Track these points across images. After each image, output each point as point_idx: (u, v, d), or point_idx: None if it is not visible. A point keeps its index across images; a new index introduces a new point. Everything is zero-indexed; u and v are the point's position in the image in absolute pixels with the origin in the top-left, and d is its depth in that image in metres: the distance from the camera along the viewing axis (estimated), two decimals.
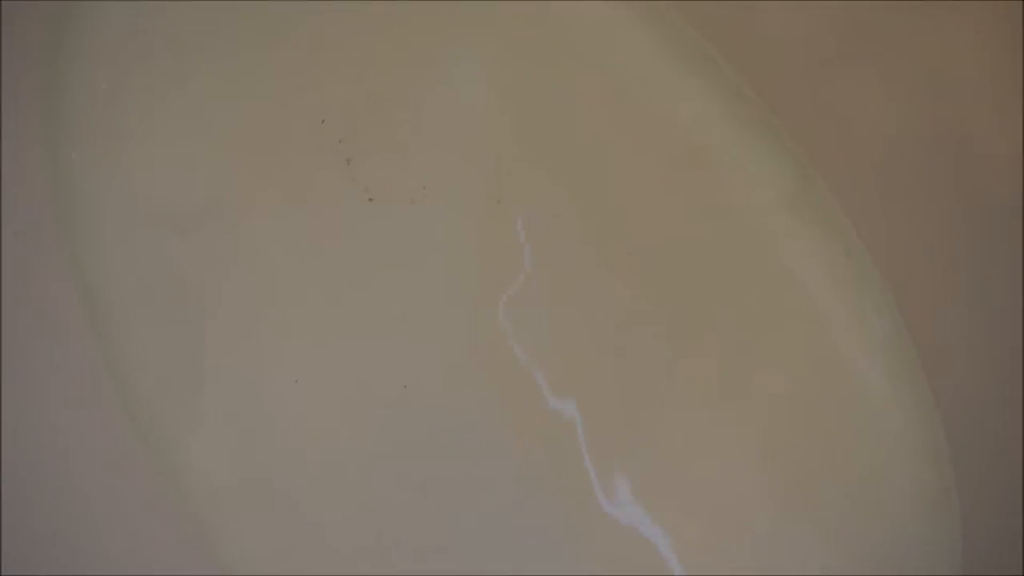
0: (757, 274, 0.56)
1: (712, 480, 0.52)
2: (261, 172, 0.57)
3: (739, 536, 0.51)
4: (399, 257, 0.56)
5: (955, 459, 0.52)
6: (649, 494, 0.52)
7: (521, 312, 0.55)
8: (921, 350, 0.54)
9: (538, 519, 0.51)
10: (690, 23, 0.62)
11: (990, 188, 0.49)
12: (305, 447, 0.52)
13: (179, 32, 0.60)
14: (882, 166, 0.55)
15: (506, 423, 0.53)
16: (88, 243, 0.54)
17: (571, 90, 0.62)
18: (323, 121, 0.59)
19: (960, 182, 0.50)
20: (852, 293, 0.55)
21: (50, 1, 0.55)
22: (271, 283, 0.55)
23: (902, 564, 0.51)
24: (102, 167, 0.56)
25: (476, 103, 0.61)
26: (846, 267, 0.56)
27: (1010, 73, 0.46)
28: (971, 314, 0.51)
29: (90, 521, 0.49)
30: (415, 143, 0.59)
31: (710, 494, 0.52)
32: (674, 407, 0.54)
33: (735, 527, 0.51)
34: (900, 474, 0.52)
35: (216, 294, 0.55)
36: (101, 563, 0.48)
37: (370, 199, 0.57)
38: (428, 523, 0.51)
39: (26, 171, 0.54)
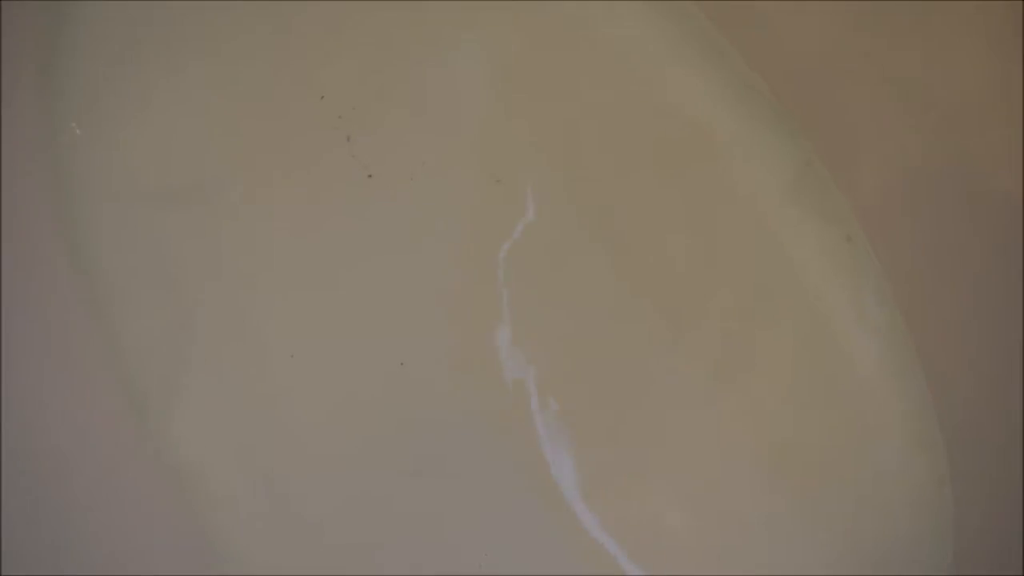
0: (756, 260, 0.56)
1: (703, 473, 0.52)
2: (260, 148, 0.57)
3: (729, 530, 0.51)
4: (398, 235, 0.56)
5: (950, 451, 0.52)
6: (642, 490, 0.52)
7: (518, 294, 0.55)
8: (918, 340, 0.54)
9: (530, 509, 0.51)
10: (697, 7, 0.62)
11: (991, 181, 0.48)
12: (299, 422, 0.52)
13: (180, 9, 0.59)
14: (884, 154, 0.54)
15: (499, 406, 0.53)
16: (85, 217, 0.54)
17: (573, 71, 0.61)
18: (322, 97, 0.59)
19: (961, 173, 0.49)
20: (851, 281, 0.55)
21: None
22: (268, 259, 0.55)
23: (894, 557, 0.50)
24: (100, 142, 0.56)
25: (479, 84, 0.60)
26: (846, 254, 0.55)
27: (1011, 72, 0.46)
28: (969, 306, 0.50)
29: (80, 495, 0.49)
30: (416, 121, 0.59)
31: (702, 487, 0.52)
32: (669, 396, 0.53)
33: (726, 521, 0.51)
34: (894, 465, 0.52)
35: (213, 270, 0.54)
36: (90, 540, 0.48)
37: (369, 175, 0.57)
38: (419, 504, 0.51)
39: (25, 145, 0.54)
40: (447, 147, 0.59)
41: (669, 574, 0.50)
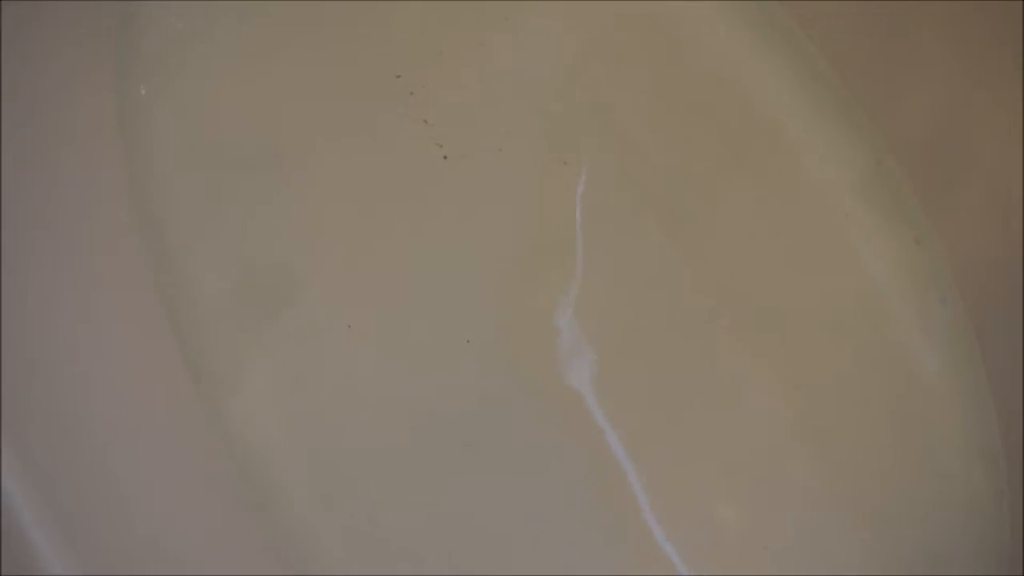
0: (823, 255, 0.56)
1: (760, 474, 0.51)
2: (332, 122, 0.57)
3: (781, 531, 0.51)
4: (466, 213, 0.56)
5: (1010, 462, 0.51)
6: (697, 485, 0.52)
7: (583, 277, 0.55)
8: (983, 345, 0.53)
9: (575, 497, 0.51)
10: None
11: None
12: (358, 394, 0.53)
13: None
14: (958, 157, 0.54)
15: (558, 389, 0.52)
16: (151, 175, 0.54)
17: (643, 60, 0.61)
18: (398, 76, 0.59)
19: None
20: (919, 281, 0.54)
21: None
22: (332, 230, 0.55)
23: (947, 563, 0.50)
24: (170, 103, 0.56)
25: (550, 66, 0.61)
26: (915, 255, 0.55)
27: None
28: None
29: (133, 467, 0.49)
30: (488, 101, 0.59)
31: (759, 488, 0.51)
32: (726, 386, 0.53)
33: (780, 522, 0.51)
34: (951, 472, 0.51)
35: (278, 238, 0.55)
36: (147, 517, 0.48)
37: (444, 156, 0.57)
38: (467, 481, 0.51)
39: (95, 103, 0.54)
40: (517, 127, 0.59)
41: (720, 574, 0.50)
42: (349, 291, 0.54)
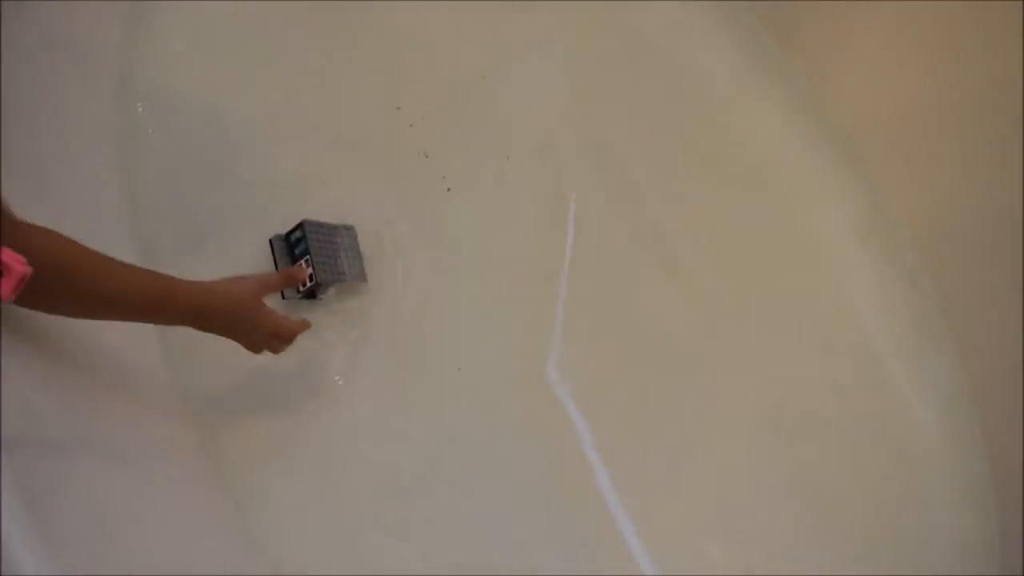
0: (815, 297, 0.56)
1: (747, 510, 0.51)
2: (327, 147, 0.57)
3: (771, 564, 0.50)
4: (467, 245, 0.56)
5: (1001, 508, 0.51)
6: (682, 515, 0.51)
7: (574, 310, 0.55)
8: (976, 393, 0.54)
9: (559, 520, 0.50)
10: (774, 37, 0.62)
11: None
12: (345, 416, 0.51)
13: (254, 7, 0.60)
14: (956, 205, 0.54)
15: (543, 416, 0.52)
16: (147, 193, 0.53)
17: (643, 96, 0.62)
18: (399, 108, 0.59)
19: None
20: (912, 326, 0.55)
21: None
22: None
23: None
24: (167, 124, 0.55)
25: (547, 99, 0.61)
26: (909, 300, 0.56)
27: None
28: None
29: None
30: (485, 135, 0.60)
31: (744, 524, 0.51)
32: (711, 423, 0.53)
33: (762, 553, 0.50)
34: (941, 517, 0.51)
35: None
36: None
37: (448, 189, 0.57)
38: (452, 509, 0.50)
39: (94, 120, 0.53)
40: (517, 160, 0.59)
41: None
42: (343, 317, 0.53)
